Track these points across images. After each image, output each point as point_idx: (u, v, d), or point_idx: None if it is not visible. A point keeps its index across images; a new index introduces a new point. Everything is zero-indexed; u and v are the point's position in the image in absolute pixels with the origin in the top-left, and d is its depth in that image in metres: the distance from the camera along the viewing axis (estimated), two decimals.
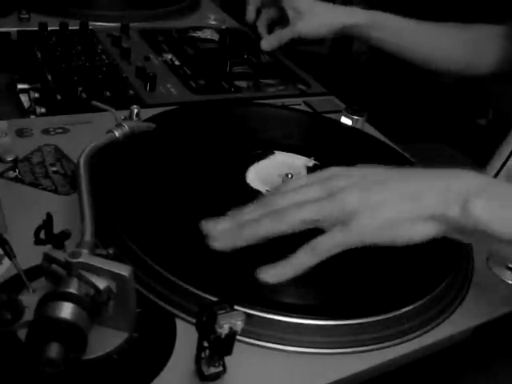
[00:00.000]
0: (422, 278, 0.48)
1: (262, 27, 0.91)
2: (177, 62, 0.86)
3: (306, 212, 0.42)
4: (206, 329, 0.35)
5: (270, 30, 0.91)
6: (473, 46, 0.85)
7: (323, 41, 1.19)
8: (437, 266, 0.50)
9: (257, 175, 0.59)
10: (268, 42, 0.88)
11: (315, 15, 0.85)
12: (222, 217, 0.45)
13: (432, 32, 0.87)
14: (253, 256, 0.49)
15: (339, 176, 0.44)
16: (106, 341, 0.38)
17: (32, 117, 0.71)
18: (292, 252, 0.44)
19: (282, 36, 0.88)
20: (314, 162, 0.64)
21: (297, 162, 0.63)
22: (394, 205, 0.42)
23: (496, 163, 0.59)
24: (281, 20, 0.90)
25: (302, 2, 0.85)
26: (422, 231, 0.42)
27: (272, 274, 0.42)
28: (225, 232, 0.43)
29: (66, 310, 0.34)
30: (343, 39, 1.11)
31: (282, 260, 0.42)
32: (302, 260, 0.42)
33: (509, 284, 0.52)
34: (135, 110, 0.59)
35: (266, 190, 0.57)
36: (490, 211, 0.40)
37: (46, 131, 0.63)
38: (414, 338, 0.44)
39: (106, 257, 0.39)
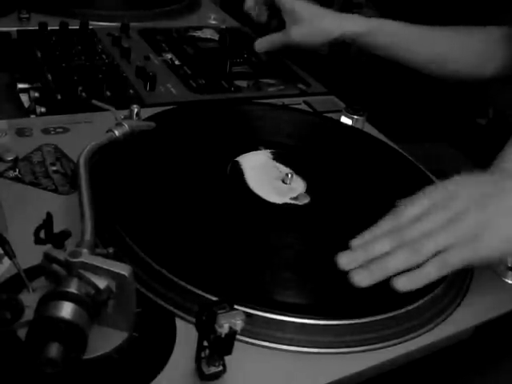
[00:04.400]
0: None
1: (250, 2, 0.87)
2: (177, 62, 0.86)
3: (436, 242, 0.46)
4: (205, 328, 0.35)
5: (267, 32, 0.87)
6: (482, 48, 0.83)
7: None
8: None
9: (256, 184, 0.58)
10: (259, 44, 0.86)
11: (312, 22, 0.80)
12: (354, 249, 0.48)
13: (441, 36, 0.85)
14: (253, 256, 0.49)
15: (452, 198, 0.47)
16: (105, 340, 0.38)
17: (32, 116, 0.71)
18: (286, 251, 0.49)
19: (273, 40, 0.85)
20: (267, 151, 0.64)
21: (261, 159, 0.63)
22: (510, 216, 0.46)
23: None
24: (280, 24, 0.86)
25: (301, 7, 0.81)
26: None
27: (406, 283, 0.45)
28: (363, 268, 0.46)
29: (66, 310, 0.34)
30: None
31: (413, 271, 0.45)
32: (432, 273, 0.45)
33: (509, 284, 0.52)
34: (135, 110, 0.60)
35: (291, 198, 0.57)
36: None
37: (45, 131, 0.63)
38: (414, 337, 0.44)
39: (106, 256, 0.39)
